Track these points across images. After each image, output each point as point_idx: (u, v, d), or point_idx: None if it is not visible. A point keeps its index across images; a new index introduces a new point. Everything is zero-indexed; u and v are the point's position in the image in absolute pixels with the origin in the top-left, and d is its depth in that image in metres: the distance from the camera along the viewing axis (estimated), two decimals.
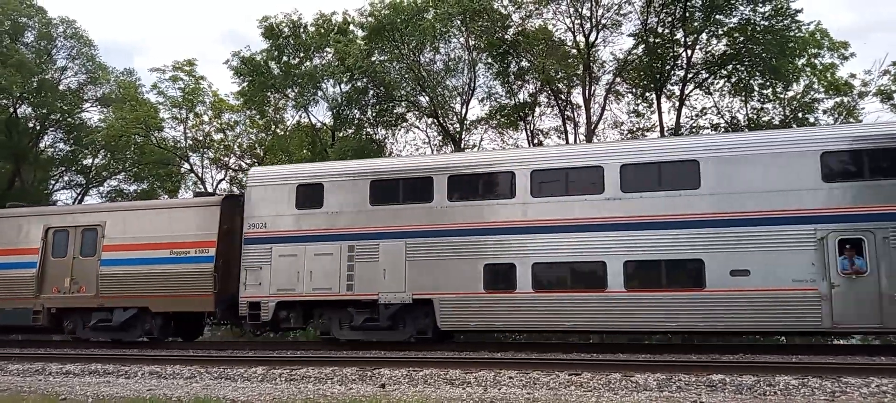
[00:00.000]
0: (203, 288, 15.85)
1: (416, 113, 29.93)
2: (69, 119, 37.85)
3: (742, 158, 12.94)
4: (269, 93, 31.28)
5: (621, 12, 27.10)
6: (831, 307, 12.05)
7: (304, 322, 15.78)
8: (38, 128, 37.79)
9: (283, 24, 30.09)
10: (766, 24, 24.19)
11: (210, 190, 33.60)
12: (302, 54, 30.69)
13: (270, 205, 15.74)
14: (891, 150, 12.20)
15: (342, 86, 29.91)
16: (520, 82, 28.90)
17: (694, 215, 12.89)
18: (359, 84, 28.84)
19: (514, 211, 14.05)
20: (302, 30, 30.33)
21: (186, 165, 35.23)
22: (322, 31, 30.05)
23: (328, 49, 29.78)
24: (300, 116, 32.67)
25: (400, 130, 31.51)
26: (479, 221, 14.23)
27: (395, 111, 29.98)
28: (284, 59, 30.53)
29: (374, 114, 30.27)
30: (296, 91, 30.77)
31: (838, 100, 27.06)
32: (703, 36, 25.85)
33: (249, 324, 15.54)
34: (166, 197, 35.14)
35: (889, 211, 11.99)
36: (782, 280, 12.27)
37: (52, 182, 38.69)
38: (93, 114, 38.60)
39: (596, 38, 27.64)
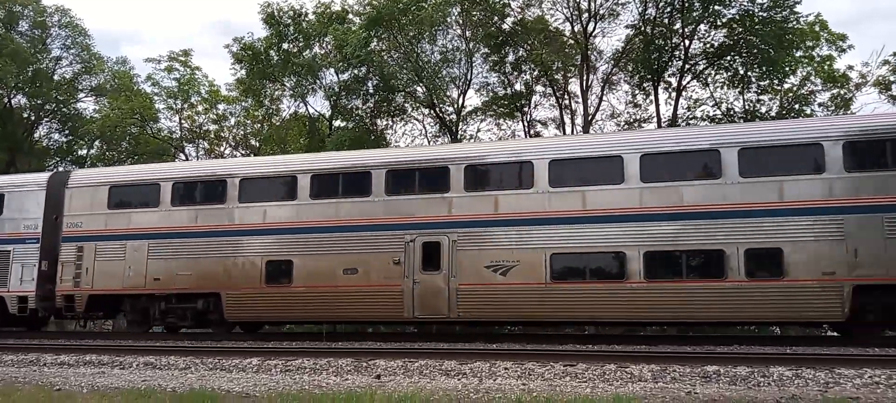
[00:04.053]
0: None
1: (413, 103, 29.85)
2: (64, 109, 37.69)
3: None
4: (266, 83, 31.17)
5: (619, 2, 27.06)
6: None
7: None
8: (32, 118, 37.64)
9: (284, 12, 29.94)
10: (765, 15, 24.14)
11: None
12: (302, 43, 30.56)
13: None
14: None
15: (340, 75, 29.81)
16: (516, 73, 28.83)
17: None
18: (358, 73, 28.75)
19: None
20: (303, 18, 30.20)
21: (182, 156, 35.15)
22: (322, 19, 29.91)
23: (328, 38, 29.66)
24: (297, 106, 32.61)
25: (399, 121, 31.47)
26: None
27: (394, 102, 29.90)
28: (284, 46, 30.39)
29: (371, 105, 30.18)
30: (293, 80, 30.66)
31: (835, 91, 27.06)
32: (702, 26, 25.80)
33: None
34: None
35: None
36: None
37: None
38: (87, 105, 38.49)
39: (594, 29, 27.60)
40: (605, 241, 13.84)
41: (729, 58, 25.92)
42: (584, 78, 27.74)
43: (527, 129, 29.97)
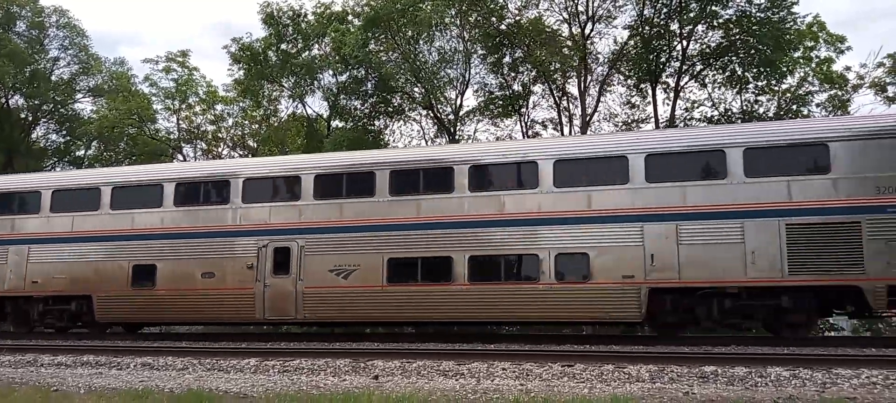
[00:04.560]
0: None
1: (411, 104, 29.83)
2: (61, 110, 37.62)
3: None
4: (264, 83, 31.14)
5: (617, 4, 27.08)
6: None
7: None
8: (30, 118, 37.56)
9: (283, 12, 29.93)
10: (762, 16, 24.16)
11: None
12: (300, 43, 30.54)
13: None
14: None
15: (339, 77, 29.78)
16: (513, 74, 28.82)
17: None
18: (357, 74, 28.71)
19: None
20: (302, 18, 30.19)
21: (179, 157, 35.11)
22: (322, 20, 29.90)
23: (326, 39, 29.64)
24: (296, 107, 32.57)
25: (397, 122, 31.45)
26: None
27: (392, 102, 29.89)
28: (282, 47, 30.37)
29: (369, 106, 30.16)
30: (292, 81, 30.63)
31: (832, 92, 27.09)
32: (699, 27, 25.83)
33: None
34: None
35: None
36: None
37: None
38: (85, 105, 38.42)
39: (591, 30, 27.62)
40: (435, 246, 14.74)
41: (726, 58, 25.94)
42: (582, 79, 27.75)
43: (525, 130, 29.99)
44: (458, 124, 30.05)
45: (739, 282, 13.16)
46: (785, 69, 25.39)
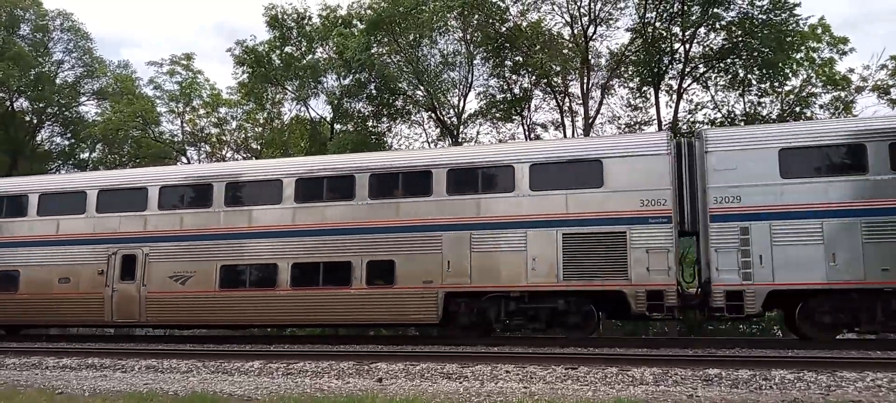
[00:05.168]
0: None
1: (414, 107, 29.84)
2: (66, 112, 37.72)
3: None
4: (268, 86, 31.21)
5: (618, 6, 27.05)
6: None
7: None
8: (34, 121, 37.68)
9: (288, 15, 30.01)
10: (764, 18, 24.10)
11: None
12: (304, 46, 30.59)
13: None
14: None
15: (342, 80, 29.82)
16: (515, 77, 28.79)
17: None
18: (360, 77, 28.75)
19: None
20: (306, 20, 30.26)
21: (183, 159, 35.20)
22: (327, 23, 29.95)
23: (330, 42, 29.68)
24: (299, 110, 32.63)
25: (401, 124, 31.46)
26: None
27: (395, 104, 29.90)
28: (287, 50, 30.44)
29: (372, 109, 30.19)
30: (295, 84, 30.69)
31: (835, 94, 26.98)
32: (701, 30, 25.77)
33: None
34: None
35: None
36: None
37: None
38: (89, 108, 38.53)
39: (593, 33, 27.58)
40: (263, 254, 15.81)
41: (728, 60, 25.86)
42: (585, 81, 27.71)
43: (527, 133, 29.96)
44: (461, 127, 30.03)
45: (521, 287, 14.25)
46: (788, 71, 25.30)
